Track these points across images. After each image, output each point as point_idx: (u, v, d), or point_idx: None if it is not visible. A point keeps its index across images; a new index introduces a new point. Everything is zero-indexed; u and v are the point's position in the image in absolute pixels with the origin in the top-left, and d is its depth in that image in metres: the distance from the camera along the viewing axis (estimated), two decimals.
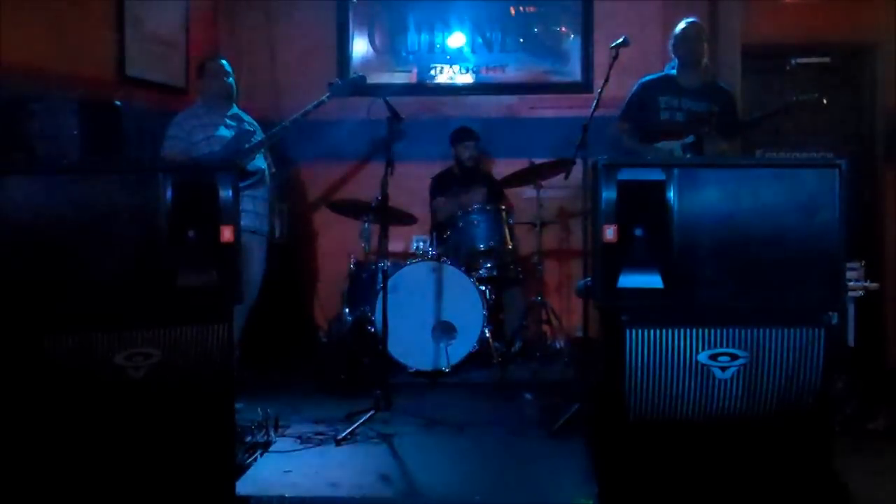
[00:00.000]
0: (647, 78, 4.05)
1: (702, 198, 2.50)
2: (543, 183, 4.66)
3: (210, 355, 2.53)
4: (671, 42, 4.03)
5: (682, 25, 4.02)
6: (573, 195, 4.91)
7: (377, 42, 5.51)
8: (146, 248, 2.49)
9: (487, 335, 4.38)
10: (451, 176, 5.09)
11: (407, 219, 4.73)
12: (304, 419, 3.56)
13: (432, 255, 4.48)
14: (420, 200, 5.08)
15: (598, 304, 2.64)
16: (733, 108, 4.07)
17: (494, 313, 4.64)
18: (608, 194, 2.51)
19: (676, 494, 2.52)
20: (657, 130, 3.96)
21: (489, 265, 4.59)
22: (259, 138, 3.96)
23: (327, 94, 3.94)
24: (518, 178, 4.76)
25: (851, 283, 3.64)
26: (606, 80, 3.63)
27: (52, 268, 2.39)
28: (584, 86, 5.31)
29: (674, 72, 4.04)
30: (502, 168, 5.02)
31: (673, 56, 4.04)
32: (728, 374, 2.46)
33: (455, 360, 4.31)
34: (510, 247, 4.64)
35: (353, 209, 4.57)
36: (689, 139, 3.90)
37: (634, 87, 4.06)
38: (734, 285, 2.49)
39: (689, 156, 3.86)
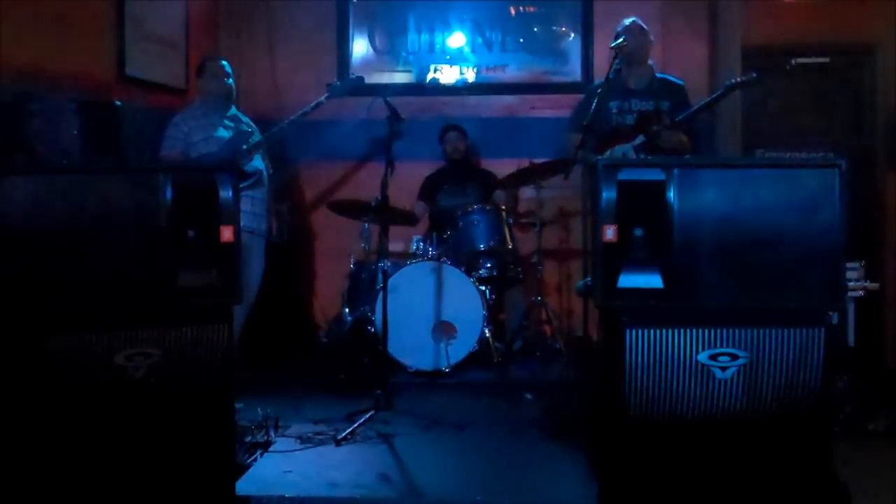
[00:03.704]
0: (594, 85, 3.99)
1: (702, 198, 2.49)
2: (543, 183, 4.67)
3: (210, 355, 2.53)
4: (613, 42, 3.95)
5: (625, 23, 4.01)
6: (573, 195, 4.91)
7: (377, 42, 5.52)
8: (146, 248, 2.48)
9: (487, 335, 4.38)
10: (443, 175, 5.10)
11: (407, 217, 4.73)
12: (304, 419, 3.56)
13: (432, 255, 4.48)
14: None
15: (598, 304, 2.64)
16: (685, 101, 4.00)
17: (494, 313, 4.64)
18: (608, 194, 2.50)
19: (676, 494, 2.52)
20: (610, 136, 3.93)
21: (489, 265, 4.60)
22: (257, 139, 3.96)
23: (325, 95, 3.95)
24: (518, 178, 4.76)
25: (851, 283, 3.64)
26: (606, 80, 3.63)
27: (52, 268, 2.39)
28: (584, 86, 5.29)
29: (619, 74, 3.99)
30: (502, 168, 5.02)
31: (615, 56, 3.98)
32: (728, 374, 2.46)
33: (455, 360, 4.31)
34: (510, 247, 4.64)
35: (353, 209, 4.57)
36: (639, 140, 3.87)
37: (582, 97, 4.01)
38: (734, 285, 2.49)
39: (641, 156, 3.82)
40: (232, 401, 2.64)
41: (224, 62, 4.07)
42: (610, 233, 2.50)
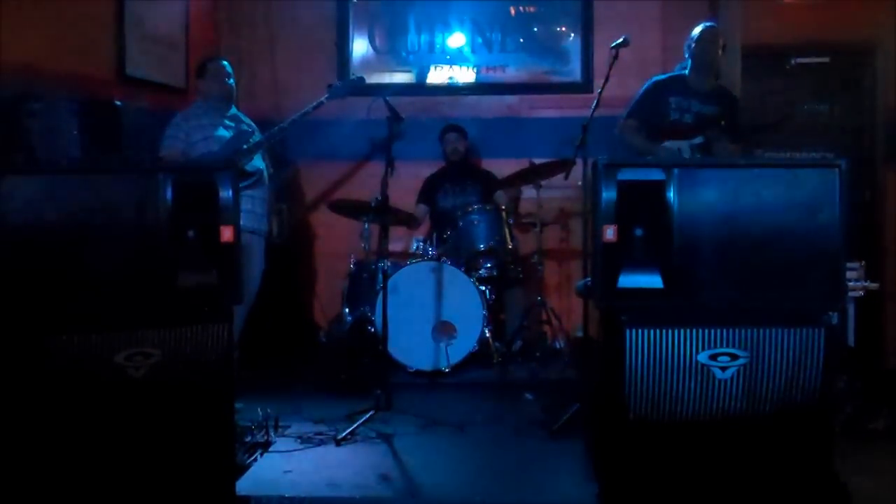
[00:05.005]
0: (659, 77, 4.06)
1: (702, 198, 2.49)
2: (543, 183, 4.67)
3: (210, 355, 2.53)
4: (687, 43, 4.04)
5: (699, 28, 4.04)
6: (573, 195, 4.91)
7: (377, 42, 5.51)
8: (146, 248, 2.48)
9: (487, 335, 4.38)
10: (442, 175, 5.11)
11: (407, 219, 4.73)
12: (304, 419, 3.56)
13: (432, 255, 4.48)
14: None
15: (598, 304, 2.64)
16: (737, 113, 4.09)
17: (494, 313, 4.64)
18: (608, 194, 2.50)
19: (676, 494, 2.52)
20: (665, 130, 3.98)
21: (489, 265, 4.60)
22: (257, 139, 3.96)
23: (326, 95, 3.94)
24: (518, 178, 4.76)
25: (851, 283, 3.64)
26: (606, 80, 3.63)
27: (52, 268, 2.39)
28: (584, 86, 5.31)
29: (685, 73, 4.04)
30: (502, 168, 5.03)
31: (687, 56, 4.05)
32: (728, 374, 2.46)
33: (455, 360, 4.31)
34: (510, 247, 4.64)
35: (353, 209, 4.57)
36: (698, 140, 3.92)
37: (646, 85, 4.07)
38: (734, 285, 2.49)
39: (697, 156, 3.89)
40: (232, 401, 2.64)
41: (224, 62, 4.06)
42: (610, 233, 2.50)
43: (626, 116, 4.08)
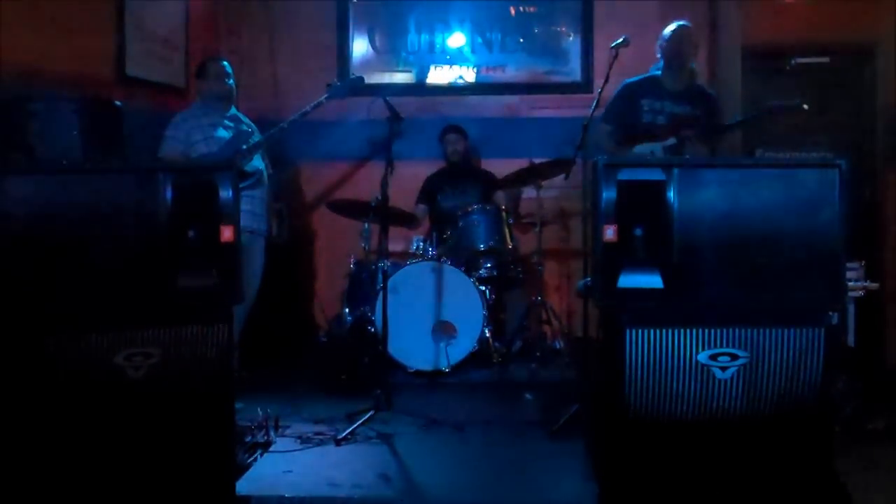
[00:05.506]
0: (631, 80, 4.02)
1: (702, 198, 2.49)
2: (543, 183, 4.67)
3: (210, 355, 2.53)
4: (658, 42, 4.02)
5: (672, 27, 4.01)
6: (573, 195, 4.92)
7: (377, 42, 5.52)
8: (146, 248, 2.48)
9: (487, 335, 4.38)
10: (442, 176, 5.11)
11: (407, 219, 4.73)
12: (304, 419, 3.56)
13: (432, 255, 4.48)
14: None
15: (598, 304, 2.64)
16: (716, 113, 4.05)
17: (494, 313, 4.64)
18: (608, 194, 2.50)
19: (676, 494, 2.52)
20: (640, 132, 3.95)
21: (489, 265, 4.60)
22: (257, 139, 3.96)
23: (325, 95, 3.94)
24: (518, 178, 4.76)
25: (851, 283, 3.64)
26: (606, 80, 3.63)
27: (51, 268, 2.39)
28: (584, 86, 5.32)
29: (658, 73, 4.03)
30: (502, 168, 5.03)
31: (659, 56, 4.04)
32: (728, 374, 2.46)
33: (455, 360, 4.31)
34: (510, 247, 4.64)
35: (352, 209, 4.57)
36: (671, 142, 3.89)
37: (618, 89, 4.04)
38: (734, 285, 2.49)
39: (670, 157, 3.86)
40: (232, 401, 2.64)
41: (224, 63, 4.06)
42: (610, 233, 2.50)
43: (600, 121, 4.05)
